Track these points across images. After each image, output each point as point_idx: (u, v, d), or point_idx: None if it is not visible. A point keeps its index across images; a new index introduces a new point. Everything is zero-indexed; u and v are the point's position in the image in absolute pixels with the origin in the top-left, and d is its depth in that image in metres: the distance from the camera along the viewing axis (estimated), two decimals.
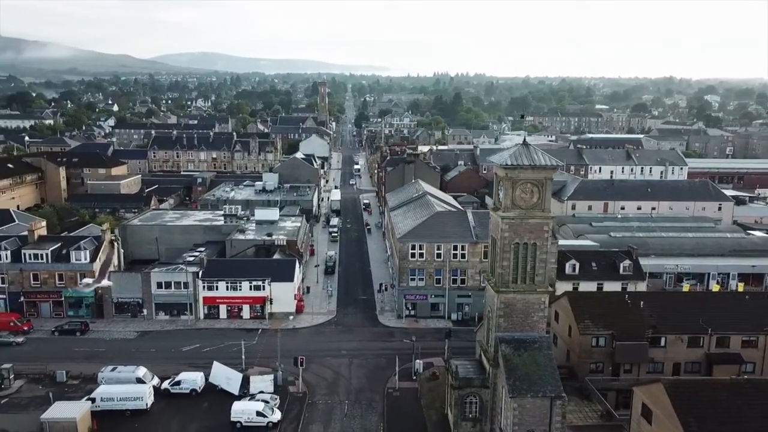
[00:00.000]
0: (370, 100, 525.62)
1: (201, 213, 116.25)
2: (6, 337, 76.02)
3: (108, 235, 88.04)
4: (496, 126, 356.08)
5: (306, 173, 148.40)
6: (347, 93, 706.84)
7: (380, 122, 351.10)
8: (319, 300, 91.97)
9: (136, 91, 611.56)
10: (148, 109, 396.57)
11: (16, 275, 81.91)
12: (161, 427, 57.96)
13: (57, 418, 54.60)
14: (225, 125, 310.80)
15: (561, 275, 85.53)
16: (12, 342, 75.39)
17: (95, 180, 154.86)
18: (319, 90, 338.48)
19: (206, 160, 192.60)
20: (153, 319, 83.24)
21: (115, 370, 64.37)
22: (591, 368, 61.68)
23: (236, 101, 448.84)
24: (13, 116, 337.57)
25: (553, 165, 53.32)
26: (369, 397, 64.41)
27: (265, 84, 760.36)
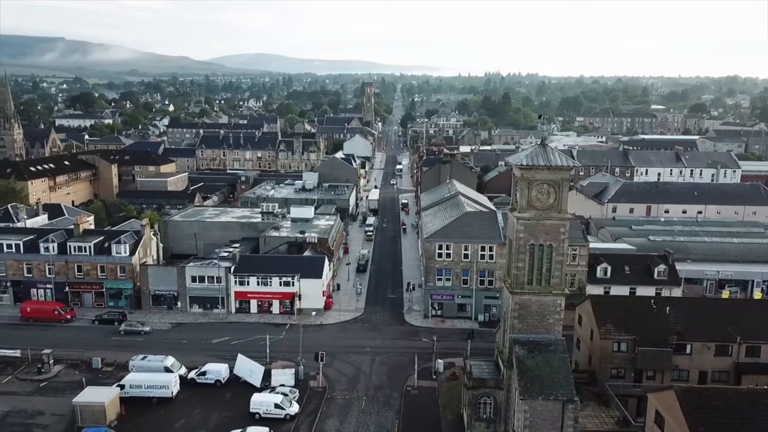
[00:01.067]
0: (417, 101, 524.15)
1: (240, 210, 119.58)
2: (135, 326, 79.32)
3: (148, 230, 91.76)
4: (544, 126, 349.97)
5: (345, 173, 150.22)
6: (396, 93, 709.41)
7: (426, 122, 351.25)
8: (348, 297, 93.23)
9: (191, 91, 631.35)
10: (201, 109, 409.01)
11: (61, 266, 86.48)
12: (185, 414, 60.26)
13: (87, 402, 57.56)
14: (273, 125, 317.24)
15: (592, 279, 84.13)
16: (141, 331, 78.28)
17: (144, 177, 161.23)
18: (366, 90, 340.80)
19: (251, 159, 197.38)
20: (187, 312, 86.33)
21: (145, 359, 67.24)
22: (612, 373, 60.44)
23: (286, 102, 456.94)
24: (76, 116, 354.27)
25: (569, 166, 52.67)
26: (387, 395, 65.07)
27: (316, 84, 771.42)
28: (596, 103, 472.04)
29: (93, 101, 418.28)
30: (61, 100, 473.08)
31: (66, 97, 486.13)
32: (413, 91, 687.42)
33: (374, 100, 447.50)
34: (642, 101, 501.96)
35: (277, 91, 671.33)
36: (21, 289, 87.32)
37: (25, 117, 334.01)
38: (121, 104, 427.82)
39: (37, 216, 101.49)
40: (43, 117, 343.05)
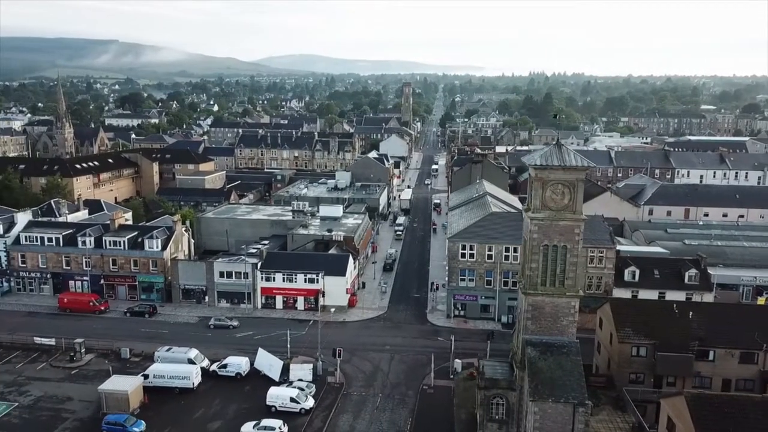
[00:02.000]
0: (458, 101, 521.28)
1: (271, 208, 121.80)
2: (224, 321, 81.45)
3: (179, 225, 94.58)
4: (587, 127, 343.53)
5: (377, 172, 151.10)
6: (438, 93, 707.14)
7: (465, 122, 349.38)
8: (372, 296, 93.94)
9: (236, 92, 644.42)
10: (244, 109, 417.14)
11: (97, 260, 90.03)
12: (204, 405, 62.06)
13: (112, 390, 59.96)
14: (313, 125, 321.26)
15: (619, 282, 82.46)
16: (229, 326, 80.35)
17: (184, 175, 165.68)
18: (404, 90, 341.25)
19: (288, 158, 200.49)
20: (215, 306, 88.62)
21: (170, 351, 69.48)
22: (630, 378, 59.29)
23: (327, 102, 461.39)
24: (125, 116, 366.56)
25: (584, 166, 51.88)
26: (403, 392, 65.46)
27: (358, 85, 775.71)
28: (643, 104, 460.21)
29: (141, 101, 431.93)
30: (112, 101, 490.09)
31: (116, 98, 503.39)
32: (455, 91, 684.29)
33: (414, 101, 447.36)
34: (691, 101, 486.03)
35: (319, 91, 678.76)
36: (60, 281, 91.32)
37: (77, 117, 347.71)
38: (168, 104, 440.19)
39: (78, 211, 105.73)
40: (94, 117, 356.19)
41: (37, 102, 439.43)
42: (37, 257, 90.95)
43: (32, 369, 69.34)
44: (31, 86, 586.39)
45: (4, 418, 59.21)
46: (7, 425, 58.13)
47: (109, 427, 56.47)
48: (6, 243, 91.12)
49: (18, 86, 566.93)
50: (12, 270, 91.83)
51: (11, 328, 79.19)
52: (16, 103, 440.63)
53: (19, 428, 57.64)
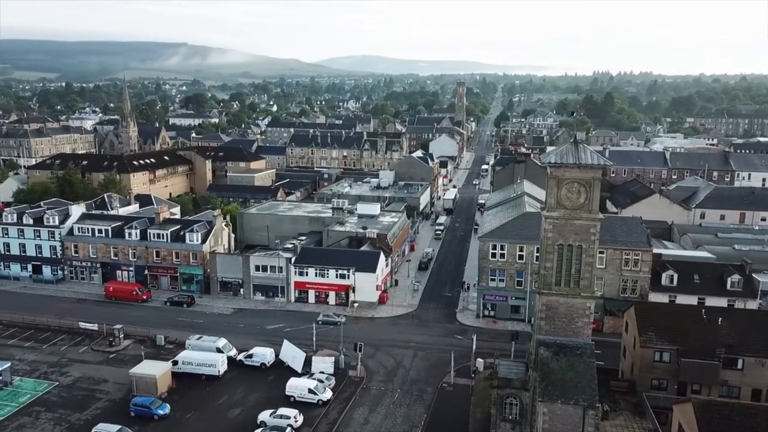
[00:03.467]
0: (515, 100, 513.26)
1: (312, 205, 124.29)
2: (332, 317, 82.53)
3: (220, 220, 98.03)
4: (649, 127, 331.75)
5: (421, 171, 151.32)
6: (497, 93, 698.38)
7: (522, 122, 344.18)
8: (404, 293, 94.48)
9: (296, 92, 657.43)
10: (301, 109, 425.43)
11: (142, 251, 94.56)
12: (228, 392, 64.39)
13: (142, 374, 63.09)
14: (366, 125, 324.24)
15: (656, 286, 79.85)
16: (337, 322, 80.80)
17: (235, 173, 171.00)
18: (458, 90, 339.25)
19: (337, 157, 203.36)
20: (250, 299, 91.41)
21: (200, 339, 72.34)
22: (653, 384, 57.50)
23: (382, 102, 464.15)
24: (188, 115, 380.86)
25: (600, 165, 50.79)
26: (422, 389, 65.77)
27: (416, 85, 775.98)
28: (712, 104, 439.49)
29: (204, 102, 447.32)
30: (178, 101, 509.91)
31: (181, 98, 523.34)
32: (514, 91, 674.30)
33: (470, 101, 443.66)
34: (766, 101, 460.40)
35: (377, 92, 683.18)
36: (108, 270, 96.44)
37: (144, 116, 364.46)
38: (229, 105, 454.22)
39: (129, 205, 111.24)
40: (159, 116, 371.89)
41: (108, 102, 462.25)
42: (88, 247, 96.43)
43: (75, 352, 73.78)
44: (105, 87, 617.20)
45: (44, 396, 63.37)
46: (46, 402, 62.19)
47: (136, 408, 59.49)
48: (61, 234, 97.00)
49: (93, 88, 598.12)
50: (66, 259, 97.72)
51: (61, 313, 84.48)
52: (89, 104, 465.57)
53: (56, 405, 61.54)
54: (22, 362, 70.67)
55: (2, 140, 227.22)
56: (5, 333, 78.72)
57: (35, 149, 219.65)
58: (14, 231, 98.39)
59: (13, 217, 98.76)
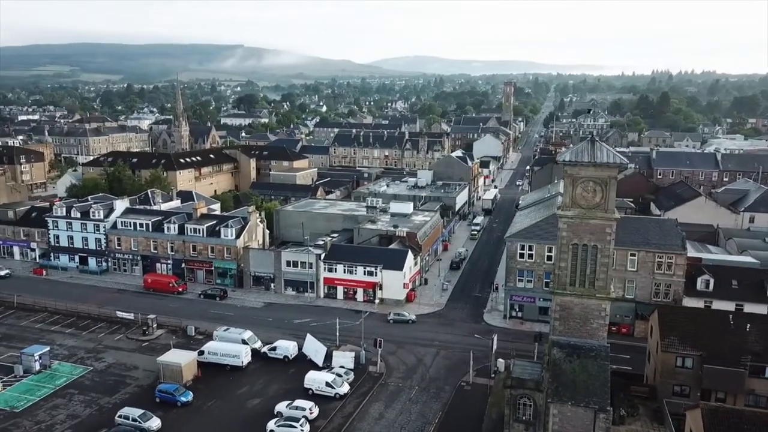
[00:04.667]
0: (567, 101, 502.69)
1: (347, 203, 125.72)
2: (402, 315, 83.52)
3: (254, 217, 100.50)
4: (707, 128, 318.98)
5: (459, 171, 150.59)
6: (549, 93, 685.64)
7: (572, 123, 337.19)
8: (432, 292, 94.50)
9: (346, 93, 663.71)
10: (349, 110, 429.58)
11: (180, 245, 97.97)
12: (249, 383, 66.18)
13: (168, 362, 65.59)
14: (413, 125, 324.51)
15: (691, 291, 77.23)
16: (408, 320, 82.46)
17: (278, 171, 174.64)
18: (505, 90, 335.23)
19: (379, 157, 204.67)
20: (281, 293, 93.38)
21: (227, 331, 74.53)
22: (674, 390, 55.72)
23: (429, 102, 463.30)
24: (239, 115, 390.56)
25: (616, 163, 49.68)
26: (440, 387, 65.81)
27: (467, 85, 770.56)
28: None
29: (255, 102, 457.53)
30: (231, 102, 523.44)
31: (234, 99, 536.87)
32: (567, 91, 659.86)
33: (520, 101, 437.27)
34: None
35: (427, 92, 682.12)
36: (148, 263, 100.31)
37: (198, 116, 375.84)
38: (279, 105, 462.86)
39: (171, 201, 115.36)
40: (212, 116, 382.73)
41: (165, 103, 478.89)
42: (129, 241, 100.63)
43: (111, 339, 77.29)
44: (163, 89, 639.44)
45: (78, 379, 66.75)
46: (79, 385, 65.49)
47: (161, 394, 61.93)
48: (105, 227, 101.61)
49: (152, 89, 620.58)
50: (109, 251, 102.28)
51: (102, 302, 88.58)
52: (147, 104, 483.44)
53: (88, 389, 64.72)
54: (62, 347, 74.60)
55: (64, 139, 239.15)
56: (49, 320, 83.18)
57: (93, 147, 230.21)
58: (63, 224, 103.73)
59: (62, 210, 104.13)
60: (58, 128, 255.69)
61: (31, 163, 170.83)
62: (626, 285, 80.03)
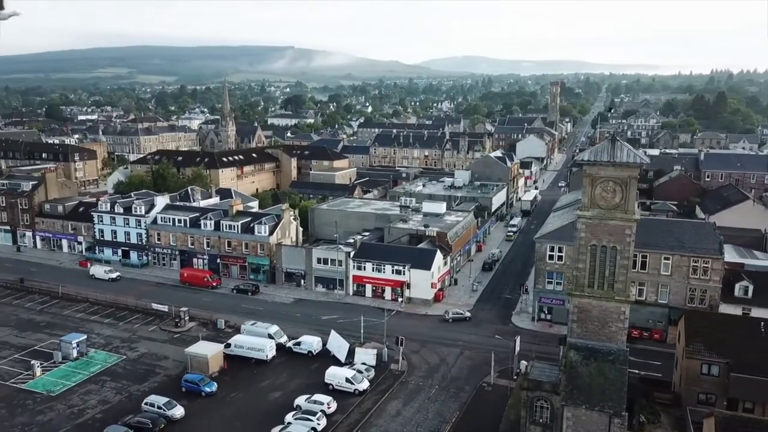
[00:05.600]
0: (617, 101, 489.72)
1: (381, 203, 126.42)
2: (462, 314, 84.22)
3: (287, 214, 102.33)
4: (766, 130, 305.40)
5: (498, 172, 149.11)
6: (600, 93, 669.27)
7: (622, 123, 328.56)
8: (461, 293, 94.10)
9: (393, 94, 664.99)
10: (394, 110, 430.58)
11: (215, 241, 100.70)
12: (272, 376, 67.57)
13: (195, 353, 67.65)
14: (456, 125, 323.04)
15: (728, 297, 74.54)
16: (466, 317, 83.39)
17: (318, 170, 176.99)
18: (551, 90, 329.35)
19: (419, 157, 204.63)
20: (311, 290, 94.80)
21: (254, 325, 76.24)
22: (699, 399, 53.88)
23: (474, 103, 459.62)
24: (286, 116, 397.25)
25: (637, 163, 48.47)
26: (460, 387, 65.59)
27: (515, 85, 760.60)
28: None
29: (302, 103, 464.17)
30: (279, 103, 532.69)
31: (282, 100, 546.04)
32: (619, 91, 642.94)
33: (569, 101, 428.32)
34: None
35: (474, 92, 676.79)
36: (186, 258, 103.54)
37: (246, 116, 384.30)
38: (325, 106, 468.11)
39: (210, 198, 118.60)
40: (259, 117, 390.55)
41: (216, 103, 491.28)
42: (168, 236, 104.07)
43: (145, 330, 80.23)
44: (215, 90, 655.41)
45: (112, 367, 69.64)
46: (112, 373, 68.32)
47: (187, 384, 63.97)
48: (146, 222, 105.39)
49: (204, 90, 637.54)
50: (149, 246, 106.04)
51: (140, 294, 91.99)
52: (199, 105, 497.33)
53: (120, 376, 67.45)
54: (99, 336, 77.94)
55: (117, 138, 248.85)
56: (90, 310, 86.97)
57: (144, 146, 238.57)
58: (107, 218, 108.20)
59: (106, 205, 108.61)
60: (112, 128, 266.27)
61: (84, 160, 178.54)
62: (659, 289, 77.88)
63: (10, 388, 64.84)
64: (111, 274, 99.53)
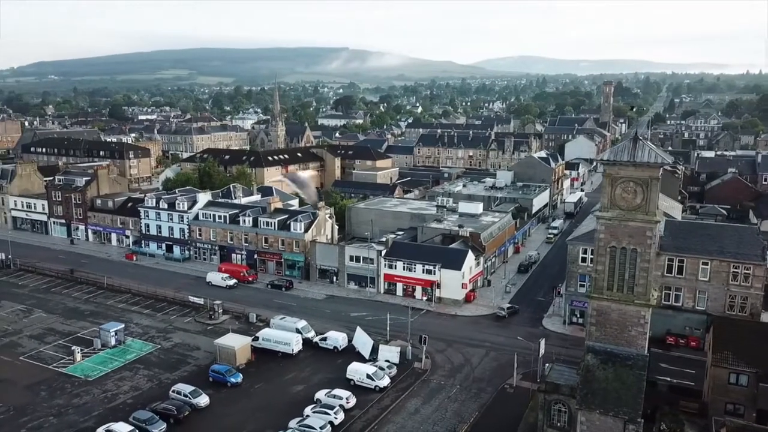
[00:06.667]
0: (677, 101, 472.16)
1: (418, 202, 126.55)
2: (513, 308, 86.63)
3: (323, 212, 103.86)
4: None
5: (541, 172, 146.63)
6: (660, 93, 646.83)
7: (680, 124, 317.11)
8: (494, 294, 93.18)
9: (444, 94, 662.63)
10: (444, 110, 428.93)
11: (253, 237, 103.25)
12: (297, 370, 68.93)
13: (224, 345, 69.74)
14: (506, 126, 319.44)
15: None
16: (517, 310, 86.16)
17: (361, 170, 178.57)
18: (604, 90, 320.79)
19: (463, 157, 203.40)
20: (344, 287, 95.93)
21: (283, 319, 77.84)
22: (727, 409, 51.83)
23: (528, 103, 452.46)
24: (336, 116, 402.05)
25: (658, 163, 47.09)
26: (482, 388, 65.14)
27: (571, 85, 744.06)
28: None
29: (353, 104, 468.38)
30: (331, 103, 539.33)
31: (333, 100, 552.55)
32: (681, 91, 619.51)
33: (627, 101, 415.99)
34: None
35: (528, 92, 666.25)
36: (225, 253, 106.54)
37: (297, 117, 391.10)
38: (375, 106, 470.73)
39: (252, 195, 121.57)
40: (310, 117, 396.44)
41: (270, 104, 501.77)
42: (209, 231, 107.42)
43: (180, 321, 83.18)
44: (270, 91, 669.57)
45: (146, 355, 72.61)
46: (146, 361, 71.24)
47: (213, 374, 66.05)
48: (188, 218, 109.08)
49: (259, 91, 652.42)
50: (191, 241, 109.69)
51: (179, 287, 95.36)
52: (253, 105, 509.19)
53: (153, 364, 70.25)
54: (137, 326, 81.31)
55: (171, 136, 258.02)
56: (131, 300, 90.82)
57: (196, 145, 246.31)
58: (153, 214, 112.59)
59: (152, 201, 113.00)
60: (167, 127, 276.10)
61: (138, 158, 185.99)
62: (697, 295, 74.92)
63: (52, 371, 68.56)
64: (228, 281, 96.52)
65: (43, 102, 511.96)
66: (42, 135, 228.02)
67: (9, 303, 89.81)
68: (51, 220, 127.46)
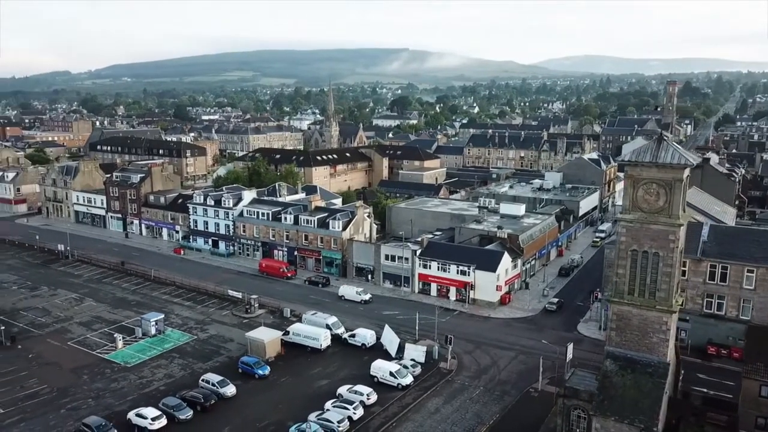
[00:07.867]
0: (750, 102, 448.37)
1: (460, 203, 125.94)
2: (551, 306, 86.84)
3: (361, 211, 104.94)
4: None
5: (591, 174, 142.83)
6: (733, 94, 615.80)
7: (751, 126, 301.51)
8: (531, 297, 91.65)
9: (504, 94, 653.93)
10: (500, 111, 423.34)
11: (294, 234, 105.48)
12: (324, 365, 70.09)
13: (255, 338, 71.75)
14: (563, 126, 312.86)
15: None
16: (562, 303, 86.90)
17: (409, 170, 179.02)
18: (668, 90, 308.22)
19: (514, 158, 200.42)
20: (379, 285, 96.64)
21: (315, 315, 79.27)
22: (758, 423, 49.50)
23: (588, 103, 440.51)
24: (391, 117, 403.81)
25: (681, 164, 45.35)
26: (506, 391, 64.40)
27: (636, 85, 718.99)
28: None
29: (408, 104, 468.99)
30: (387, 104, 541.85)
31: (390, 101, 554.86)
32: (755, 91, 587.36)
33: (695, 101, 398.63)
34: None
35: (590, 93, 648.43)
36: (267, 249, 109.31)
37: (353, 117, 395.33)
38: (431, 107, 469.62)
39: (296, 194, 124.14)
40: (365, 118, 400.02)
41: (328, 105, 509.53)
42: (252, 228, 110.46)
43: (218, 314, 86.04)
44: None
45: (183, 345, 75.60)
46: (182, 350, 74.18)
47: (242, 366, 68.10)
48: (233, 215, 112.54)
49: (318, 92, 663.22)
50: (236, 237, 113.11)
51: (220, 281, 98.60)
52: (312, 106, 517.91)
53: (188, 354, 73.08)
54: (177, 317, 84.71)
55: (229, 136, 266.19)
56: (174, 293, 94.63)
57: (252, 144, 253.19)
58: (200, 210, 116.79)
59: (200, 198, 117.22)
60: (226, 127, 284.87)
61: (195, 157, 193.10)
62: (741, 304, 71.34)
63: (95, 357, 72.46)
64: (363, 296, 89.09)
65: (114, 103, 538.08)
66: (108, 134, 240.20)
67: (64, 291, 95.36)
68: (109, 215, 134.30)
